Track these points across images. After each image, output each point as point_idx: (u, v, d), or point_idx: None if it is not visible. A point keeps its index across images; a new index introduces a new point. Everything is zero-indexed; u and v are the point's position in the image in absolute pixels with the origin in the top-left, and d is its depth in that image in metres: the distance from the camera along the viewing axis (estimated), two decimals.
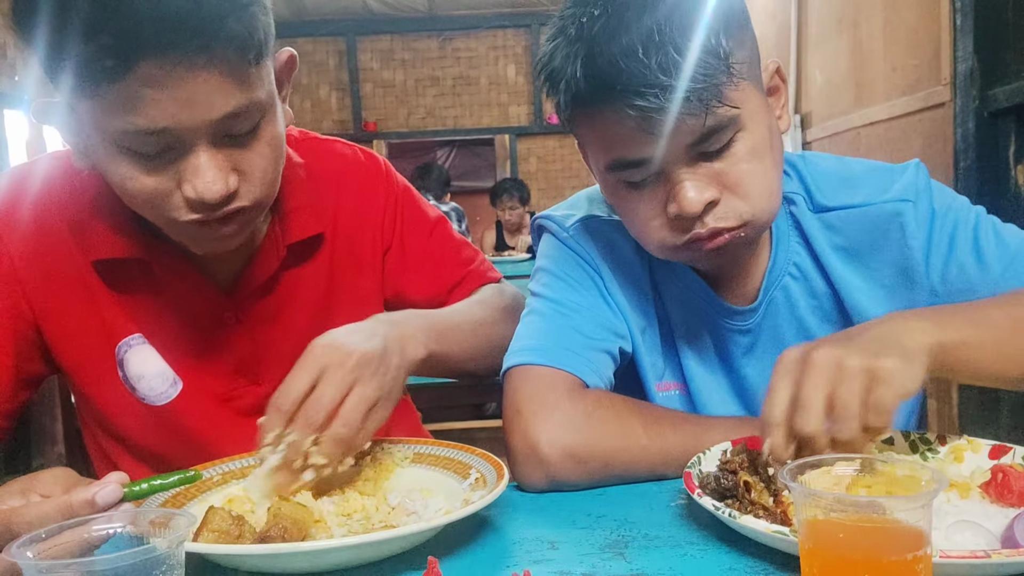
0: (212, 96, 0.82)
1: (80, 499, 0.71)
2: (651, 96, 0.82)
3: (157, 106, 0.81)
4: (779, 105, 0.97)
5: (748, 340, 1.06)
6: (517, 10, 7.74)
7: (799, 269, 1.04)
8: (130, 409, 1.07)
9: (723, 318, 1.05)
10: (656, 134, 0.85)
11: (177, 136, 0.84)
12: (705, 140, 0.86)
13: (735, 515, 0.70)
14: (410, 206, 1.23)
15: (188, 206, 0.88)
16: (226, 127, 0.86)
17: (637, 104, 0.83)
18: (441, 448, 0.96)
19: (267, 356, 1.10)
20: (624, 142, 0.88)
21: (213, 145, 0.86)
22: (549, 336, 1.00)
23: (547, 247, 1.11)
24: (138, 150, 0.85)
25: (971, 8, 2.57)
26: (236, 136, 0.88)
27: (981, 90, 2.56)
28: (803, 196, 1.05)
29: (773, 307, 1.05)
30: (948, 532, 0.70)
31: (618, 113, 0.85)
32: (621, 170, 0.91)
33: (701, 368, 1.07)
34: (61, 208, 1.03)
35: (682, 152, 0.87)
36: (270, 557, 0.71)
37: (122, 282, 1.04)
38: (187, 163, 0.86)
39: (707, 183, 0.88)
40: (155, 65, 0.78)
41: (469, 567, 0.74)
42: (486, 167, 8.50)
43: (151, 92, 0.80)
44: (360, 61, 7.85)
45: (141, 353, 1.05)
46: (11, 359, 1.01)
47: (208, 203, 0.87)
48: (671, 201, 0.89)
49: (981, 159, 2.56)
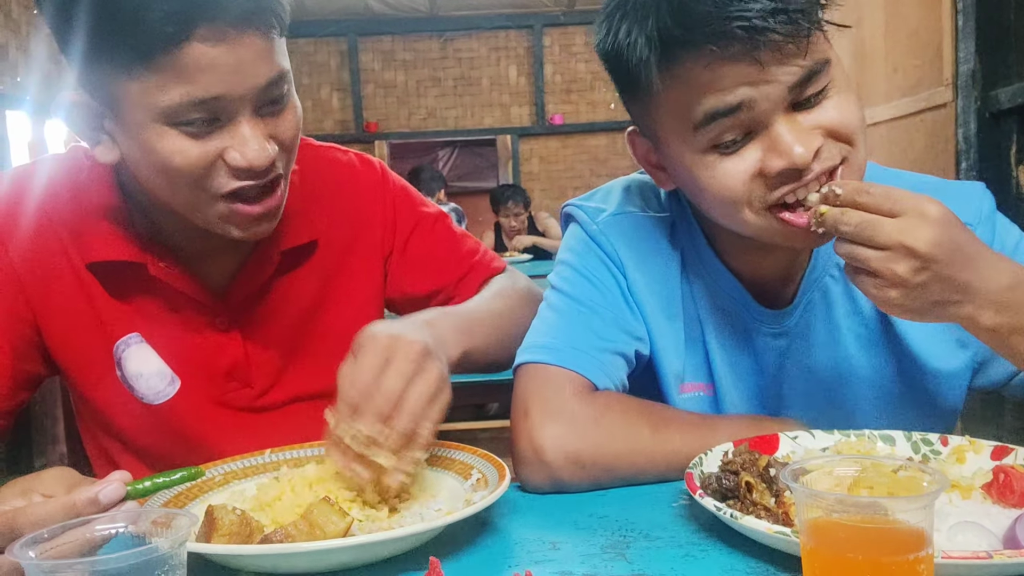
0: (258, 62, 0.88)
1: (83, 498, 0.71)
2: (758, 17, 0.80)
3: (212, 73, 0.85)
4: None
5: (782, 343, 1.04)
6: (519, 11, 7.75)
7: (841, 271, 1.02)
8: (128, 408, 1.07)
9: (756, 320, 1.03)
10: (762, 66, 0.82)
11: (226, 105, 0.88)
12: (805, 83, 0.85)
13: (737, 516, 0.70)
14: (408, 206, 1.23)
15: (233, 175, 0.91)
16: (267, 94, 0.91)
17: (742, 25, 0.80)
18: (443, 449, 0.96)
19: (258, 360, 1.10)
20: (723, 86, 0.85)
21: (255, 114, 0.91)
22: (563, 335, 0.99)
23: (573, 239, 1.09)
24: (187, 122, 0.88)
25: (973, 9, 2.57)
26: (271, 104, 0.92)
27: (983, 91, 2.56)
28: None
29: (810, 308, 1.03)
30: (950, 533, 0.70)
31: (722, 44, 0.82)
32: (714, 123, 0.87)
33: (729, 370, 1.05)
34: (59, 210, 1.03)
35: (782, 96, 0.85)
36: (271, 557, 0.71)
37: (118, 284, 1.04)
38: (233, 132, 0.90)
39: (809, 131, 0.86)
40: (209, 30, 0.83)
41: (471, 567, 0.74)
42: (488, 167, 8.50)
43: (208, 56, 0.84)
44: (361, 62, 7.85)
45: (139, 352, 1.06)
46: (9, 359, 1.02)
47: (256, 169, 0.91)
48: (773, 154, 0.86)
49: (983, 160, 2.56)
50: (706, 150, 0.89)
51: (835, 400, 1.04)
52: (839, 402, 1.04)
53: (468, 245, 1.27)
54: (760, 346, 1.05)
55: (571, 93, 7.98)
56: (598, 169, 7.84)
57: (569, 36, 7.93)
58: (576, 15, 7.79)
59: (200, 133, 0.89)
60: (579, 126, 7.94)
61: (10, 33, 4.57)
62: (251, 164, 0.90)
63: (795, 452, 0.90)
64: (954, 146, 2.66)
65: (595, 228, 1.06)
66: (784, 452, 0.90)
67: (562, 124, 7.95)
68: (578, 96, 7.98)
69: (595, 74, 7.89)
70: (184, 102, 0.85)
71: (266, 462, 0.96)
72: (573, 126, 7.96)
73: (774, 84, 0.84)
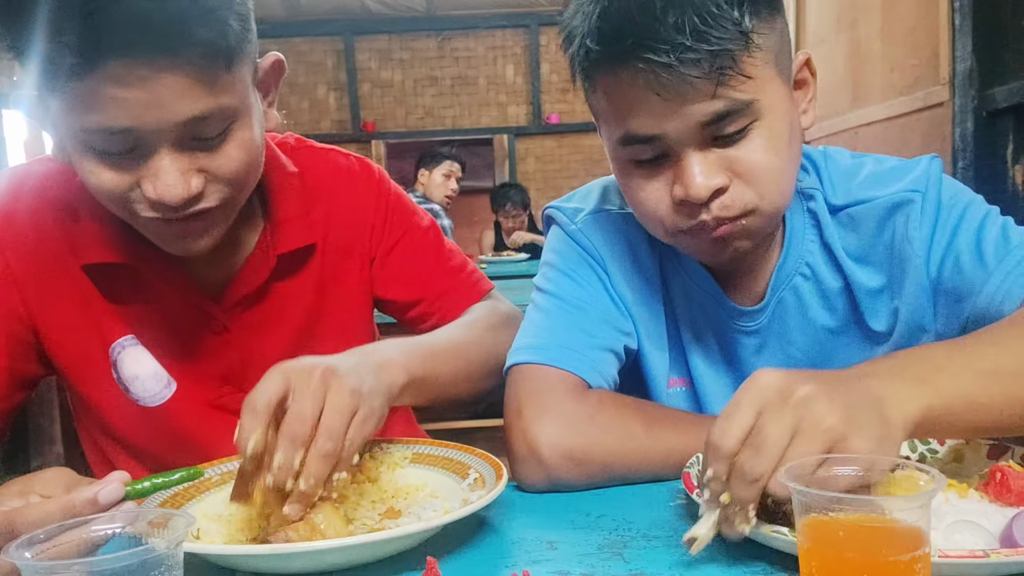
0: (177, 99, 0.82)
1: (82, 498, 0.71)
2: (663, 53, 0.80)
3: (120, 106, 0.81)
4: (806, 99, 0.96)
5: (756, 341, 1.05)
6: (516, 10, 7.74)
7: (811, 269, 1.02)
8: (125, 409, 1.07)
9: (730, 318, 1.04)
10: (667, 101, 0.83)
11: (140, 136, 0.84)
12: (719, 121, 0.84)
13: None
14: (400, 213, 1.22)
15: (149, 205, 0.88)
16: (192, 130, 0.86)
17: (647, 58, 0.81)
18: (440, 448, 0.96)
19: (254, 364, 1.09)
20: (636, 113, 0.86)
21: (177, 147, 0.86)
22: (552, 334, 1.00)
23: (555, 240, 1.10)
24: (101, 148, 0.85)
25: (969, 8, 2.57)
26: (203, 139, 0.87)
27: (979, 90, 2.57)
28: (821, 191, 1.02)
29: (782, 308, 1.03)
30: (947, 532, 0.70)
31: (630, 73, 0.83)
32: (632, 145, 0.89)
33: (707, 367, 1.06)
34: (56, 210, 1.03)
35: (694, 132, 0.85)
36: (269, 558, 0.71)
37: (114, 286, 1.04)
38: (149, 164, 0.86)
39: (716, 169, 0.86)
40: (119, 65, 0.79)
41: (468, 567, 0.74)
42: (484, 167, 8.49)
43: (115, 91, 0.80)
44: (358, 61, 7.84)
45: (135, 354, 1.06)
46: (6, 360, 1.01)
47: (169, 204, 0.87)
48: (677, 183, 0.87)
49: (979, 159, 2.56)
50: (627, 162, 0.92)
51: None
52: None
53: (455, 261, 1.25)
54: (735, 343, 1.05)
55: (567, 93, 7.97)
56: (593, 169, 7.84)
57: None
58: None
59: (117, 161, 0.86)
60: (575, 126, 7.94)
61: None
62: (161, 199, 0.86)
63: None
64: (951, 145, 2.66)
65: (574, 228, 1.07)
66: None
67: (558, 123, 7.95)
68: (574, 96, 7.96)
69: None
70: (95, 129, 0.83)
71: None
72: (569, 126, 7.96)
73: (684, 119, 0.84)
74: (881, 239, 1.00)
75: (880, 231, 1.00)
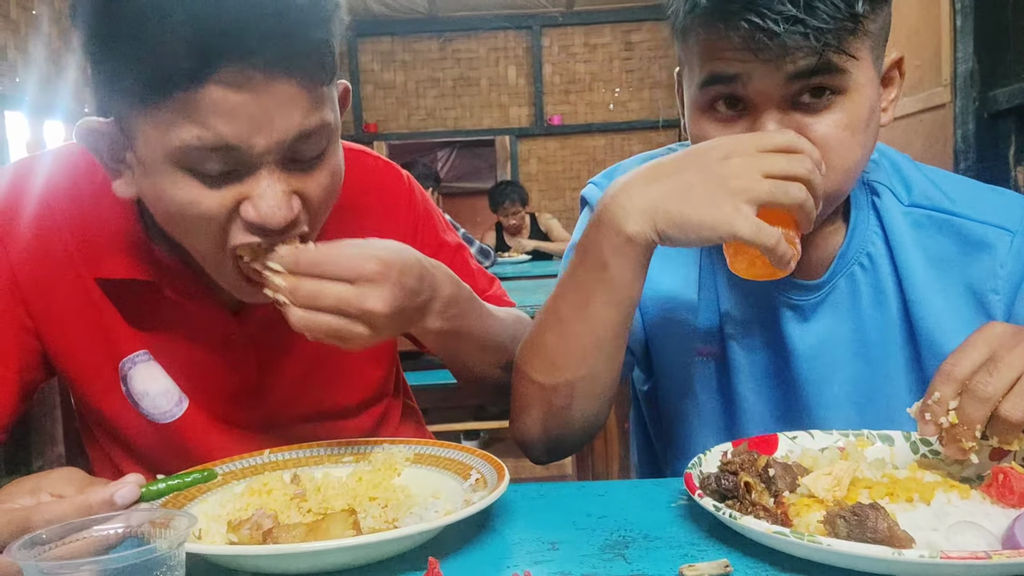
0: (289, 110, 0.79)
1: (99, 498, 0.71)
2: (771, 20, 0.81)
3: (231, 120, 0.77)
4: (889, 98, 0.96)
5: (800, 318, 1.03)
6: (518, 12, 7.74)
7: (871, 260, 1.02)
8: (134, 422, 1.04)
9: (781, 291, 1.03)
10: (760, 56, 0.84)
11: (243, 156, 0.79)
12: (806, 77, 0.85)
13: (735, 516, 0.70)
14: (430, 232, 1.18)
15: (247, 228, 0.83)
16: (296, 149, 0.82)
17: (755, 22, 0.82)
18: (442, 449, 0.96)
19: (271, 379, 1.07)
20: (727, 59, 0.87)
21: (280, 167, 0.82)
22: None
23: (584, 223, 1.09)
24: (199, 168, 0.80)
25: (971, 10, 2.57)
26: (301, 161, 0.84)
27: (981, 91, 2.57)
28: (891, 189, 1.03)
29: (836, 293, 1.03)
30: (949, 533, 0.70)
31: (733, 29, 0.84)
32: (714, 85, 0.89)
33: (742, 336, 1.06)
34: (65, 214, 0.97)
35: (780, 85, 0.86)
36: (271, 558, 0.71)
37: (128, 300, 0.99)
38: (251, 184, 0.81)
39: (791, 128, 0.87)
40: (235, 70, 0.75)
41: (469, 568, 0.74)
42: (486, 168, 8.50)
43: (228, 101, 0.76)
44: (361, 62, 7.85)
45: (146, 370, 1.02)
46: (15, 373, 0.97)
47: (270, 227, 0.82)
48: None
49: (981, 160, 2.56)
50: (703, 112, 0.93)
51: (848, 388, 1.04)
52: (852, 391, 1.04)
53: (482, 282, 1.23)
54: (779, 317, 1.04)
55: (570, 94, 7.98)
56: (596, 170, 7.66)
57: (568, 37, 7.93)
58: (575, 16, 7.80)
59: (216, 181, 0.81)
60: (577, 127, 7.94)
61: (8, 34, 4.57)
62: (264, 221, 0.81)
63: (793, 452, 0.90)
64: (952, 146, 2.66)
65: None
66: (783, 452, 0.90)
67: (560, 125, 7.95)
68: (576, 97, 7.98)
69: (594, 75, 7.90)
70: (196, 146, 0.77)
71: (265, 462, 0.96)
72: (571, 127, 7.96)
73: (775, 71, 0.85)
74: (958, 265, 1.00)
75: (959, 256, 1.00)
